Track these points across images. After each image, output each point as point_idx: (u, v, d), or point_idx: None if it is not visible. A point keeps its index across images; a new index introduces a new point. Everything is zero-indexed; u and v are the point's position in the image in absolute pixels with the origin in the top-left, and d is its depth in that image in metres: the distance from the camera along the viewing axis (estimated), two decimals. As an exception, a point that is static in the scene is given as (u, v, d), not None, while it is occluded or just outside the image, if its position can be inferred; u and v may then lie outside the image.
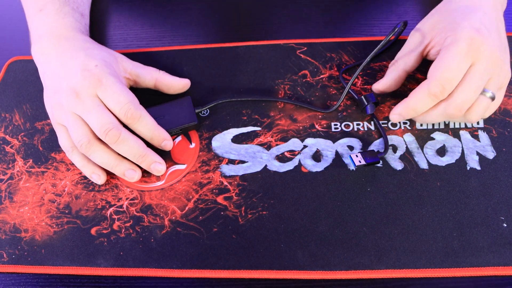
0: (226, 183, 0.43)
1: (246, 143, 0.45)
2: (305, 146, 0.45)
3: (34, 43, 0.48)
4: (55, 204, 0.43)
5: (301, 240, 0.39)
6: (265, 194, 0.42)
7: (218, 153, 0.45)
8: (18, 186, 0.45)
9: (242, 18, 0.57)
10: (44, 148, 0.47)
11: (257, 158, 0.44)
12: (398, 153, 0.44)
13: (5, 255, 0.41)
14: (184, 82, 0.48)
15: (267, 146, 0.45)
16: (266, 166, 0.44)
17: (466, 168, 0.42)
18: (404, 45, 0.46)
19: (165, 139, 0.44)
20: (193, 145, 0.46)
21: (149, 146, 0.44)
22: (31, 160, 0.46)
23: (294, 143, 0.45)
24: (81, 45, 0.46)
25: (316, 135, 0.45)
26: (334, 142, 0.45)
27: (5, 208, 0.44)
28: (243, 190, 0.42)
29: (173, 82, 0.48)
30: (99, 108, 0.41)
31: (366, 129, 0.45)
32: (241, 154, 0.45)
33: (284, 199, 0.42)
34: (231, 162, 0.44)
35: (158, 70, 0.48)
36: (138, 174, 0.43)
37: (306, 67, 0.50)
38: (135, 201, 0.43)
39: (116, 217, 0.42)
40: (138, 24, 0.58)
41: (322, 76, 0.50)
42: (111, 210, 0.43)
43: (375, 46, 0.44)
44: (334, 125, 0.46)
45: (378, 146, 0.44)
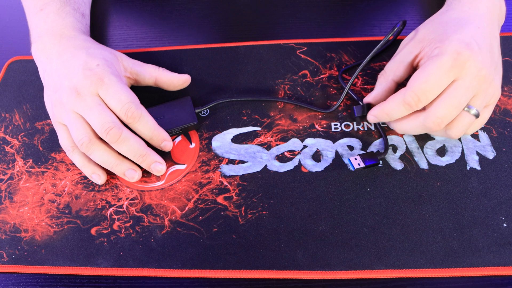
0: (226, 183, 0.43)
1: (246, 143, 0.45)
2: (305, 146, 0.45)
3: (34, 42, 0.48)
4: (55, 204, 0.43)
5: (301, 240, 0.39)
6: (265, 194, 0.42)
7: (218, 153, 0.45)
8: (18, 186, 0.45)
9: (242, 18, 0.57)
10: (44, 148, 0.47)
11: (257, 158, 0.44)
12: (398, 153, 0.44)
13: (5, 255, 0.41)
14: (184, 78, 0.48)
15: (267, 146, 0.45)
16: (266, 166, 0.44)
17: (466, 168, 0.42)
18: (394, 54, 0.45)
19: (164, 140, 0.44)
20: (193, 145, 0.46)
21: (149, 146, 0.44)
22: (31, 160, 0.46)
23: (294, 143, 0.45)
24: (82, 44, 0.46)
25: (316, 135, 0.45)
26: (334, 142, 0.45)
27: (5, 208, 0.44)
28: (243, 190, 0.42)
29: (173, 79, 0.47)
30: (100, 107, 0.41)
31: (366, 129, 0.45)
32: (241, 154, 0.45)
33: (284, 199, 0.42)
34: (231, 162, 0.44)
35: (158, 67, 0.48)
36: (138, 174, 0.43)
37: (306, 67, 0.50)
38: (135, 201, 0.43)
39: (116, 217, 0.42)
40: (138, 24, 0.58)
41: (322, 76, 0.50)
42: (111, 210, 0.43)
43: (375, 46, 0.44)
44: (334, 125, 0.46)
45: (378, 146, 0.44)
